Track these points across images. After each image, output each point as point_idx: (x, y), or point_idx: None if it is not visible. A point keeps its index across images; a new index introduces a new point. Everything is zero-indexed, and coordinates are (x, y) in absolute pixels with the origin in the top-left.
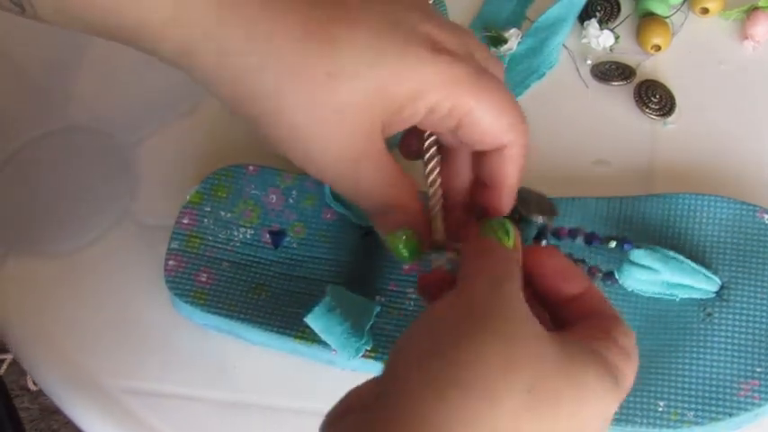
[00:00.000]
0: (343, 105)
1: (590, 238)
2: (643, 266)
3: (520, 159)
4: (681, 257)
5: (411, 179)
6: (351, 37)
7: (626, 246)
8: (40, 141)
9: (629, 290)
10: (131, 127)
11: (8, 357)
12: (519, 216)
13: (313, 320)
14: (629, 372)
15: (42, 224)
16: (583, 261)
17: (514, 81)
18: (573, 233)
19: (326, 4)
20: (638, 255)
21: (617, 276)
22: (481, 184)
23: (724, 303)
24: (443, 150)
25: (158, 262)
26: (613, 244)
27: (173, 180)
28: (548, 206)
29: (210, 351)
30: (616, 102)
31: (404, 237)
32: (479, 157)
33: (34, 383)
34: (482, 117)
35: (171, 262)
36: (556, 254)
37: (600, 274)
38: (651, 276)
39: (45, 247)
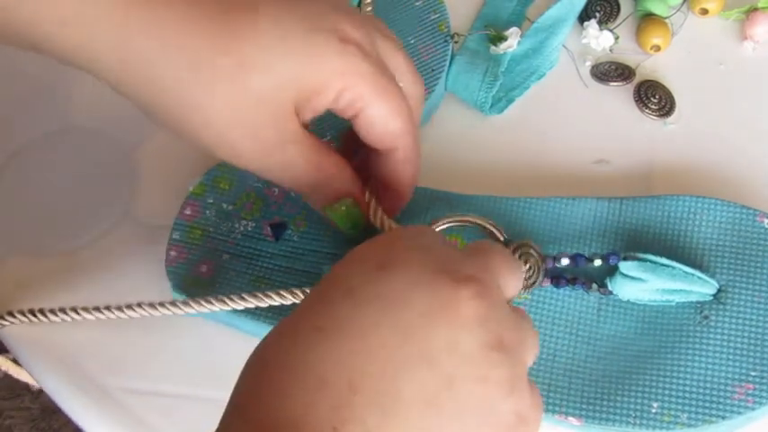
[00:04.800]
0: (258, 95)
1: (575, 261)
2: (633, 278)
3: (409, 164)
4: (672, 263)
5: (338, 155)
6: (255, 27)
7: (611, 260)
8: (40, 141)
9: (625, 299)
10: (131, 127)
11: (8, 357)
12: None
13: None
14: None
15: (42, 224)
16: (575, 279)
17: (514, 81)
18: (557, 258)
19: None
20: (626, 267)
21: (610, 288)
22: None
23: (721, 306)
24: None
25: (159, 262)
26: (599, 262)
27: (173, 180)
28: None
29: (211, 351)
30: (616, 102)
31: (343, 207)
32: (378, 159)
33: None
34: (376, 116)
35: (172, 253)
36: None
37: (595, 286)
38: (643, 286)
39: (45, 247)
